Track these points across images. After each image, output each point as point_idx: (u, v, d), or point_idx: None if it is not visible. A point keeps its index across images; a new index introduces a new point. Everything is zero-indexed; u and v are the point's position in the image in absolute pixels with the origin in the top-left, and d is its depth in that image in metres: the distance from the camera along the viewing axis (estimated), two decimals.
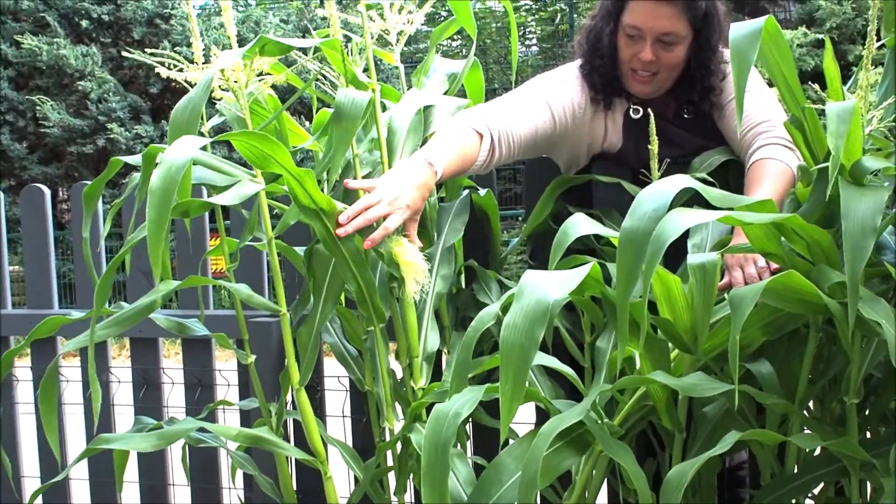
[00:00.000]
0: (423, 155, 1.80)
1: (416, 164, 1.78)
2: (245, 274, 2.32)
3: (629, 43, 2.00)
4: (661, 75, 2.01)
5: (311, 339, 1.86)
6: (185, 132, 1.54)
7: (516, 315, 1.25)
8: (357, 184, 1.79)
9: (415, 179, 1.75)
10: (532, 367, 1.43)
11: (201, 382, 2.45)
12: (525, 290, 1.27)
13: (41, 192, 2.58)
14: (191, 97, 1.58)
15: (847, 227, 1.29)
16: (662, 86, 2.04)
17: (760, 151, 1.88)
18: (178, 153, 1.44)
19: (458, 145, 1.87)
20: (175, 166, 1.42)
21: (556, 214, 2.14)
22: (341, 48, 1.81)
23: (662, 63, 1.99)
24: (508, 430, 2.03)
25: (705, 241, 1.78)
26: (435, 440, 1.38)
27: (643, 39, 1.97)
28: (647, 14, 1.95)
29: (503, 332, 1.24)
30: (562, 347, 1.98)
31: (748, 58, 1.35)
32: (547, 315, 1.23)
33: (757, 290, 1.33)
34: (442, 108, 2.03)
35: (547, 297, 1.25)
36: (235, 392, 2.43)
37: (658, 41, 1.96)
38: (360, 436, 2.34)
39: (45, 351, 2.56)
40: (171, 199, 1.40)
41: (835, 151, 1.30)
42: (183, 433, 1.89)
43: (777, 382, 1.53)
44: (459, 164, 1.87)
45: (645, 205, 1.28)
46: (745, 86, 1.37)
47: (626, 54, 2.01)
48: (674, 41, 1.96)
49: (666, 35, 1.96)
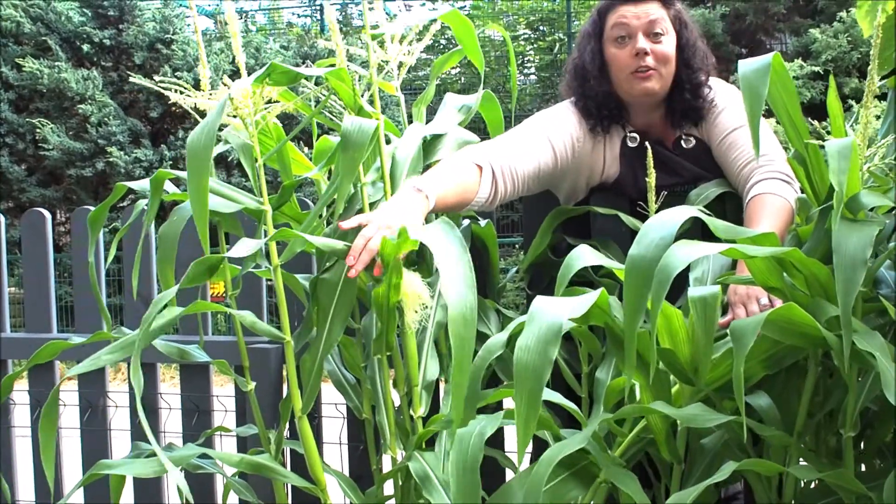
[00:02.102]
0: (412, 183, 1.80)
1: (406, 192, 1.79)
2: (244, 300, 2.33)
3: (620, 47, 2.05)
4: (660, 69, 2.04)
5: (315, 367, 1.86)
6: (201, 158, 1.57)
7: (529, 338, 1.27)
8: (350, 223, 1.76)
9: (406, 206, 1.75)
10: None
11: (199, 408, 2.44)
12: (537, 314, 1.30)
13: (42, 216, 2.59)
14: (206, 123, 1.59)
15: (838, 261, 1.31)
16: (664, 83, 2.06)
17: (759, 186, 1.90)
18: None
19: (453, 176, 1.88)
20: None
21: (554, 245, 2.16)
22: (350, 78, 1.82)
23: (657, 55, 2.03)
24: (503, 457, 2.05)
25: (706, 275, 1.79)
26: (463, 463, 1.42)
27: (633, 37, 2.03)
28: (631, 13, 2.03)
29: (517, 355, 1.26)
30: (559, 377, 1.99)
31: (759, 91, 1.37)
32: (559, 337, 1.26)
33: (758, 322, 1.34)
34: (450, 140, 2.04)
35: (558, 320, 1.27)
36: (232, 418, 2.43)
37: (646, 35, 2.02)
38: (357, 463, 2.34)
39: (42, 375, 2.56)
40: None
41: (838, 188, 1.32)
42: (185, 459, 1.88)
43: (777, 415, 1.54)
44: (456, 195, 1.87)
45: (651, 233, 1.30)
46: (759, 119, 1.39)
47: (621, 59, 2.05)
48: (661, 32, 2.03)
49: (653, 24, 2.02)
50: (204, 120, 1.61)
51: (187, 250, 2.19)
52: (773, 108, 1.50)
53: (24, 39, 9.64)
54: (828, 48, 8.91)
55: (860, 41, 8.79)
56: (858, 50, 8.82)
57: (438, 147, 2.04)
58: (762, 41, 10.07)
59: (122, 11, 9.76)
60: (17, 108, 9.59)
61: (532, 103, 12.17)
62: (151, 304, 1.63)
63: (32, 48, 9.62)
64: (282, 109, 1.81)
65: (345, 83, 1.83)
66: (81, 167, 9.23)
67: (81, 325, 2.55)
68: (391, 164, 1.92)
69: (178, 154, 9.27)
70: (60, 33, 9.65)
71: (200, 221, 1.56)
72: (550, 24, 13.13)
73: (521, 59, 13.33)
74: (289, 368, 1.85)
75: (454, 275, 1.46)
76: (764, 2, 9.58)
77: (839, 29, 8.98)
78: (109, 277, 7.22)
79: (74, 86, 9.20)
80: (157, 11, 10.02)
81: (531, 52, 13.46)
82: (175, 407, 2.49)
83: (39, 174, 9.59)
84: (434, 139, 2.05)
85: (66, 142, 9.19)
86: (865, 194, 1.43)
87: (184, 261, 2.36)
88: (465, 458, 1.42)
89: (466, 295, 1.44)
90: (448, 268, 1.47)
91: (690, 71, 2.07)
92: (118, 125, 9.23)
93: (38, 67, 9.27)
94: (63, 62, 9.37)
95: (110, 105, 9.29)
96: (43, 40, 9.56)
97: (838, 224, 1.33)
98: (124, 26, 9.65)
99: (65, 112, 9.46)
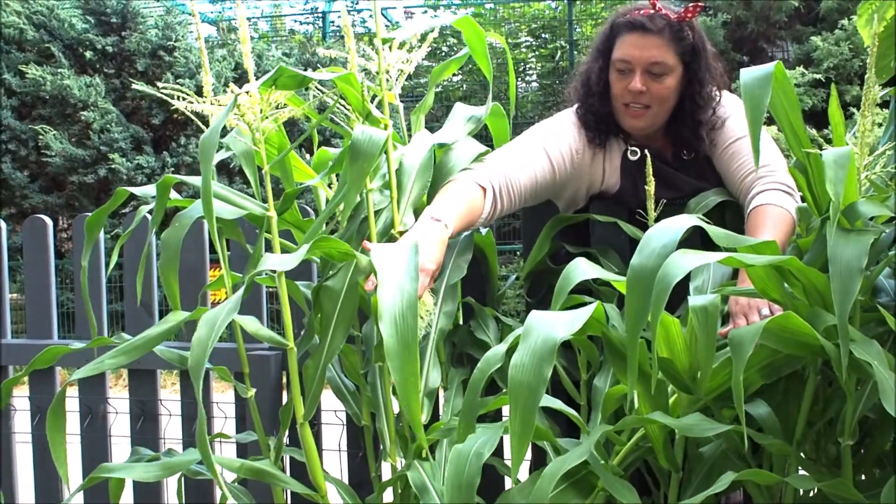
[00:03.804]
0: (431, 213, 1.82)
1: (427, 224, 1.81)
2: (245, 307, 2.33)
3: (620, 77, 2.03)
4: (652, 109, 2.03)
5: (318, 374, 1.85)
6: (210, 155, 1.58)
7: (524, 354, 1.27)
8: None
9: (430, 237, 1.78)
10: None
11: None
12: (532, 329, 1.29)
13: (43, 222, 2.59)
14: (216, 124, 1.61)
15: (834, 270, 1.32)
16: (655, 120, 2.06)
17: (760, 197, 1.90)
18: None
19: (464, 201, 1.91)
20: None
21: (553, 253, 2.16)
22: (359, 83, 1.82)
23: (653, 94, 2.01)
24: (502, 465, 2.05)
25: (707, 284, 1.79)
26: (458, 482, 1.41)
27: (633, 72, 2.00)
28: (636, 46, 1.99)
29: (511, 372, 1.26)
30: (558, 385, 1.99)
31: (761, 101, 1.38)
32: (554, 353, 1.26)
33: (756, 330, 1.34)
34: (459, 150, 2.05)
35: (554, 336, 1.27)
36: (232, 424, 2.43)
37: (647, 72, 1.99)
38: (356, 470, 2.34)
39: (43, 381, 2.56)
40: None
41: (835, 198, 1.33)
42: (186, 464, 1.89)
43: (777, 423, 1.54)
44: (467, 218, 1.91)
45: (653, 242, 1.30)
46: (760, 127, 1.39)
47: (618, 88, 2.04)
48: (662, 72, 1.99)
49: (654, 65, 1.99)
50: (214, 121, 1.61)
51: (189, 256, 2.19)
52: (775, 116, 1.50)
53: (27, 46, 9.65)
54: (829, 56, 8.91)
55: (862, 49, 8.78)
56: (860, 58, 8.80)
57: (450, 156, 2.04)
58: (764, 49, 10.08)
59: (125, 19, 9.77)
60: (20, 114, 9.60)
61: (534, 110, 12.17)
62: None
63: (35, 55, 9.63)
64: (290, 115, 1.81)
65: (354, 88, 1.83)
66: (84, 174, 9.24)
67: (82, 331, 2.56)
68: (398, 172, 1.92)
69: (180, 161, 9.28)
70: (63, 40, 9.66)
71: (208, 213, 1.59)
72: (552, 32, 13.13)
73: (522, 66, 13.33)
74: (291, 375, 1.85)
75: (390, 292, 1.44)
76: (765, 10, 9.58)
77: (841, 37, 8.98)
78: (111, 284, 7.23)
79: (77, 92, 9.21)
80: (159, 19, 10.03)
81: (533, 59, 13.46)
82: (175, 413, 2.50)
83: (42, 180, 9.60)
84: (446, 149, 2.05)
85: (68, 148, 9.20)
86: (863, 203, 1.44)
87: (186, 266, 2.37)
88: (462, 477, 1.41)
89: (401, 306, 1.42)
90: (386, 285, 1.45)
91: (695, 106, 2.04)
92: (120, 132, 9.24)
93: (40, 74, 9.28)
94: (66, 69, 9.38)
95: (113, 112, 9.30)
96: (46, 47, 9.57)
97: (834, 233, 1.34)
98: (127, 33, 9.66)
99: (67, 119, 9.47)
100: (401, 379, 1.36)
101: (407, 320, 1.39)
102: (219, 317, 1.51)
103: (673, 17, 1.99)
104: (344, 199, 1.76)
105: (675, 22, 1.99)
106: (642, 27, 1.99)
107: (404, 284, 1.43)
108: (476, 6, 13.90)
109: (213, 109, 1.78)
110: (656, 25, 1.98)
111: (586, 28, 12.68)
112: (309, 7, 14.58)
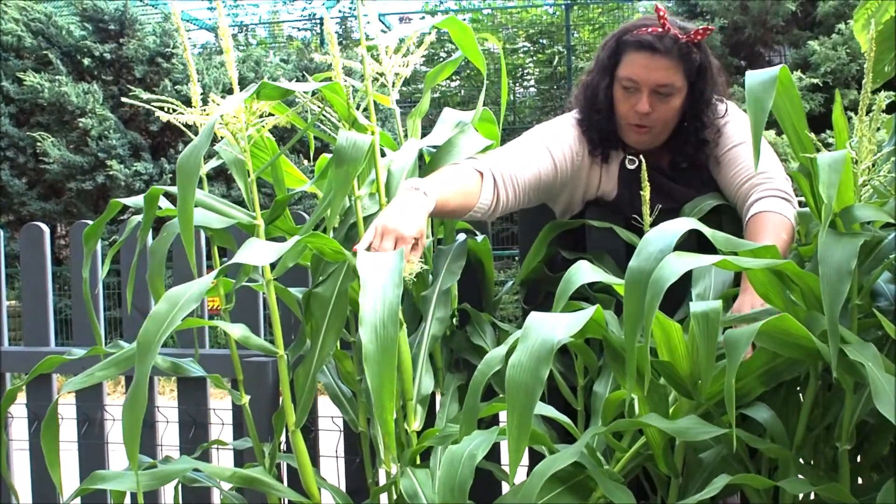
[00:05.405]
0: (409, 183, 1.78)
1: (402, 192, 1.77)
2: (241, 314, 2.33)
3: (625, 95, 2.01)
4: (657, 127, 2.02)
5: (309, 381, 1.84)
6: (190, 178, 1.57)
7: (522, 355, 1.26)
8: (363, 244, 1.68)
9: (405, 205, 1.72)
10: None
11: (196, 421, 2.44)
12: (531, 330, 1.29)
13: (40, 230, 2.59)
14: (195, 144, 1.59)
15: (824, 271, 1.32)
16: (659, 137, 2.05)
17: (759, 204, 1.90)
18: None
19: (453, 179, 1.87)
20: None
21: (549, 259, 2.16)
22: (344, 92, 1.82)
23: (659, 115, 2.00)
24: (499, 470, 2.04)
25: (708, 290, 1.79)
26: (450, 484, 1.40)
27: (639, 91, 1.98)
28: (643, 66, 1.97)
29: (509, 372, 1.26)
30: (555, 391, 1.98)
31: (764, 105, 1.37)
32: (552, 354, 1.25)
33: (752, 331, 1.34)
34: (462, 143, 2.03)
35: (552, 337, 1.26)
36: (229, 431, 2.43)
37: (654, 93, 1.98)
38: (353, 476, 2.34)
39: (40, 388, 2.56)
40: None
41: (827, 200, 1.33)
42: (179, 473, 1.88)
43: (781, 428, 1.54)
44: (457, 199, 1.85)
45: (650, 246, 1.30)
46: (762, 130, 1.38)
47: (623, 107, 2.02)
48: (670, 92, 1.98)
49: (662, 87, 1.97)
50: (194, 140, 1.61)
51: (184, 264, 2.19)
52: (780, 120, 1.50)
53: (25, 53, 9.67)
54: (827, 60, 8.92)
55: (859, 53, 8.79)
56: (857, 62, 8.82)
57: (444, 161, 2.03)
58: (761, 53, 10.09)
59: (123, 25, 9.79)
60: (18, 121, 9.60)
61: (531, 115, 12.19)
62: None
63: (33, 62, 9.65)
64: (274, 124, 1.81)
65: (339, 96, 1.83)
66: (82, 180, 9.24)
67: (80, 339, 2.55)
68: (387, 177, 1.91)
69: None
70: (61, 47, 9.68)
71: (187, 236, 1.58)
72: (550, 37, 13.15)
73: (520, 71, 13.35)
74: (282, 383, 1.85)
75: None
76: (762, 14, 9.59)
77: (838, 41, 8.99)
78: (109, 291, 7.22)
79: (75, 99, 9.22)
80: (157, 25, 10.05)
81: (531, 64, 13.48)
82: (173, 420, 2.49)
83: (40, 187, 9.60)
84: (440, 152, 2.04)
85: (66, 155, 9.20)
86: (860, 207, 1.44)
87: (183, 274, 2.37)
88: (455, 480, 1.40)
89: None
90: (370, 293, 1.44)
91: (699, 124, 2.03)
92: (118, 139, 9.24)
93: (38, 81, 9.29)
94: (64, 76, 9.39)
95: (110, 118, 9.31)
96: (44, 54, 9.59)
97: (825, 236, 1.34)
98: (125, 40, 9.67)
99: (65, 125, 9.47)
100: (377, 385, 1.35)
101: (387, 328, 1.37)
102: (182, 295, 1.49)
103: (682, 37, 1.96)
104: (330, 205, 1.75)
105: (683, 43, 1.97)
106: (651, 47, 1.96)
107: (387, 292, 1.42)
108: (474, 12, 13.92)
109: (201, 120, 1.78)
110: (665, 46, 1.95)
111: (584, 33, 12.70)
112: (307, 13, 14.60)
